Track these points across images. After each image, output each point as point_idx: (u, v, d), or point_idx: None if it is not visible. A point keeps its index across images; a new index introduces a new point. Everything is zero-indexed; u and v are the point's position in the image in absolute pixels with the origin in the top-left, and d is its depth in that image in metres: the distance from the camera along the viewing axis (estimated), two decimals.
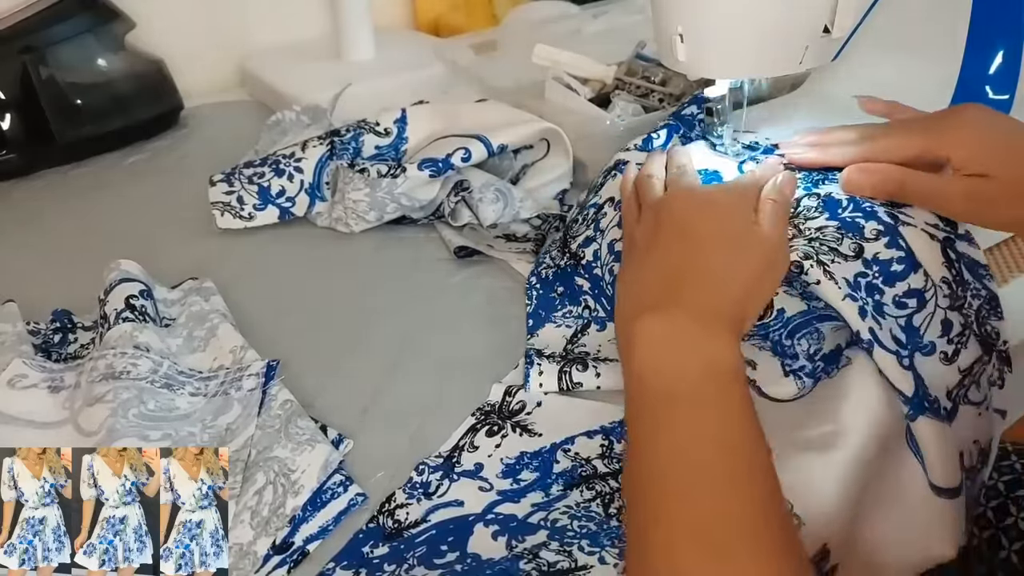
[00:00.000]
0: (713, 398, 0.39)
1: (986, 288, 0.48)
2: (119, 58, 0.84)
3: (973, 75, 0.57)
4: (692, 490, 0.36)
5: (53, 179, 0.80)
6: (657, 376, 0.40)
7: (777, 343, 0.48)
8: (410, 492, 0.44)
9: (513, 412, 0.48)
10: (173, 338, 0.54)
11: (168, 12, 0.95)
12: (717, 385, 0.39)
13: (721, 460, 0.37)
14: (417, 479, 0.44)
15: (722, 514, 0.35)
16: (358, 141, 0.68)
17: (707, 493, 0.35)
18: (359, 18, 0.96)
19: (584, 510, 0.42)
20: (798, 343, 0.48)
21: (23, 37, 0.77)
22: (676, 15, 0.52)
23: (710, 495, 0.35)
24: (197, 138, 0.88)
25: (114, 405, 0.46)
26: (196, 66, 0.97)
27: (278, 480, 0.43)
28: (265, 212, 0.68)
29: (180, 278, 0.61)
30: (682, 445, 0.37)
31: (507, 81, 0.83)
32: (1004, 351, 0.48)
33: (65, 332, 0.56)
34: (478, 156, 0.65)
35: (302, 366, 0.53)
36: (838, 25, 0.50)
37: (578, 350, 0.52)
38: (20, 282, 0.62)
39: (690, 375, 0.39)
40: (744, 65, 0.53)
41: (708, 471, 0.36)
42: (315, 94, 0.83)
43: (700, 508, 0.35)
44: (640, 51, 0.78)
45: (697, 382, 0.39)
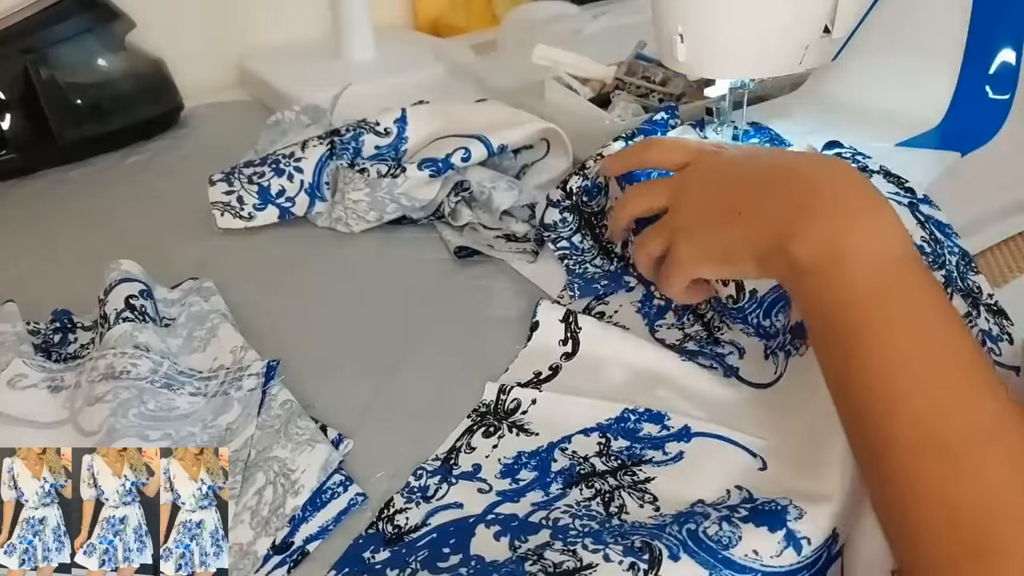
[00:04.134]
0: (917, 284, 0.38)
1: (957, 245, 0.50)
2: (119, 58, 0.84)
3: (973, 75, 0.57)
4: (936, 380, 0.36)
5: (53, 179, 0.80)
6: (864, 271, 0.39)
7: (757, 325, 0.48)
8: (408, 496, 0.43)
9: (509, 412, 0.48)
10: (173, 338, 0.54)
11: (168, 12, 0.95)
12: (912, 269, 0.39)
13: (949, 338, 0.37)
14: (415, 483, 0.44)
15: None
16: (358, 141, 0.68)
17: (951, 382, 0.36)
18: (359, 18, 0.96)
19: (585, 508, 0.42)
20: (776, 319, 0.48)
21: (23, 37, 0.77)
22: (676, 15, 0.52)
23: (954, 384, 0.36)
24: (197, 138, 0.88)
25: (114, 405, 0.46)
26: (196, 66, 0.97)
27: (278, 480, 0.43)
28: (265, 212, 0.68)
29: (180, 278, 0.61)
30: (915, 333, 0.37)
31: (507, 81, 0.83)
32: (994, 304, 0.48)
33: (65, 332, 0.56)
34: (478, 156, 0.65)
35: (302, 366, 0.53)
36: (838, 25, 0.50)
37: (598, 308, 0.56)
38: (20, 282, 0.62)
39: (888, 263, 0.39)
40: (744, 65, 0.53)
41: (945, 358, 0.36)
42: (315, 94, 0.83)
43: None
44: (640, 51, 0.78)
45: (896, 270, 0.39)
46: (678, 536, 0.38)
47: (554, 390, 0.50)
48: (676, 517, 0.40)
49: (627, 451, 0.45)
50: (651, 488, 0.43)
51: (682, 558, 0.37)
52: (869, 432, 0.37)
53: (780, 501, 0.39)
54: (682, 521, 0.39)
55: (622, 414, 0.47)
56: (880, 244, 0.39)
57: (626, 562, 0.36)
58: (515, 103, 0.72)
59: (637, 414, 0.47)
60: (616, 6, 1.03)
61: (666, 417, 0.47)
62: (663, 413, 0.47)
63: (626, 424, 0.47)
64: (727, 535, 0.38)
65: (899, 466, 0.35)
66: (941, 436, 0.34)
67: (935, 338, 0.37)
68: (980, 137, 0.56)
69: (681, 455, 0.45)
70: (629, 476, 0.44)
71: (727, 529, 0.38)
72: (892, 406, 0.36)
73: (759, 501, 0.40)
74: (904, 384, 0.36)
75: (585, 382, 0.50)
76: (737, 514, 0.39)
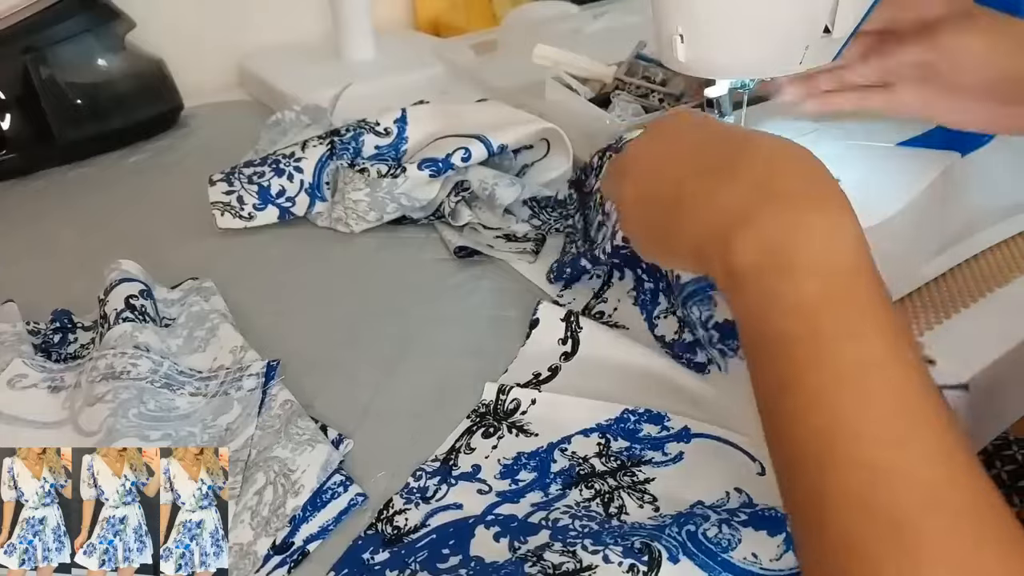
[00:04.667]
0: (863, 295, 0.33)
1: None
2: (119, 58, 0.84)
3: None
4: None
5: (53, 179, 0.80)
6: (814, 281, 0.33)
7: (682, 317, 0.49)
8: (407, 497, 0.43)
9: (508, 412, 0.48)
10: (173, 338, 0.54)
11: (168, 12, 0.95)
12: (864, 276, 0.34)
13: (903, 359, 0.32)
14: (414, 484, 0.44)
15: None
16: (358, 141, 0.68)
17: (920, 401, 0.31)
18: (359, 18, 0.96)
19: (584, 509, 0.42)
20: (691, 311, 0.48)
21: (23, 37, 0.77)
22: (676, 15, 0.52)
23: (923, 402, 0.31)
24: (197, 138, 0.88)
25: (114, 405, 0.46)
26: (196, 66, 0.97)
27: (278, 480, 0.43)
28: (265, 212, 0.68)
29: (180, 278, 0.61)
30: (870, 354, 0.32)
31: (507, 81, 0.83)
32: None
33: (65, 332, 0.56)
34: (478, 156, 0.65)
35: (302, 366, 0.53)
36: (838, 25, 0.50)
37: (598, 307, 0.56)
38: (20, 282, 0.62)
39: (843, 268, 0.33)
40: (744, 65, 0.53)
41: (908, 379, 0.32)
42: (315, 94, 0.83)
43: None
44: (640, 51, 0.78)
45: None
46: (677, 538, 0.38)
47: (554, 391, 0.50)
48: (676, 518, 0.40)
49: (627, 452, 0.45)
50: (651, 489, 0.43)
51: (681, 560, 0.37)
52: (798, 478, 0.32)
53: (780, 510, 0.39)
54: (682, 523, 0.39)
55: (622, 415, 0.47)
56: (835, 250, 0.34)
57: (625, 563, 0.36)
58: (515, 103, 0.72)
59: (637, 415, 0.47)
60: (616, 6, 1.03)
61: (666, 418, 0.47)
62: (663, 414, 0.47)
63: (626, 425, 0.47)
64: (727, 537, 0.38)
65: (834, 525, 0.30)
66: (885, 501, 0.30)
67: (883, 366, 0.32)
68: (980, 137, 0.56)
69: (681, 456, 0.45)
70: (629, 477, 0.44)
71: (727, 532, 0.38)
72: (829, 448, 0.31)
73: (759, 507, 0.40)
74: (843, 422, 0.31)
75: (585, 383, 0.50)
76: (737, 518, 0.39)
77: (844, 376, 0.32)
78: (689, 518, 0.39)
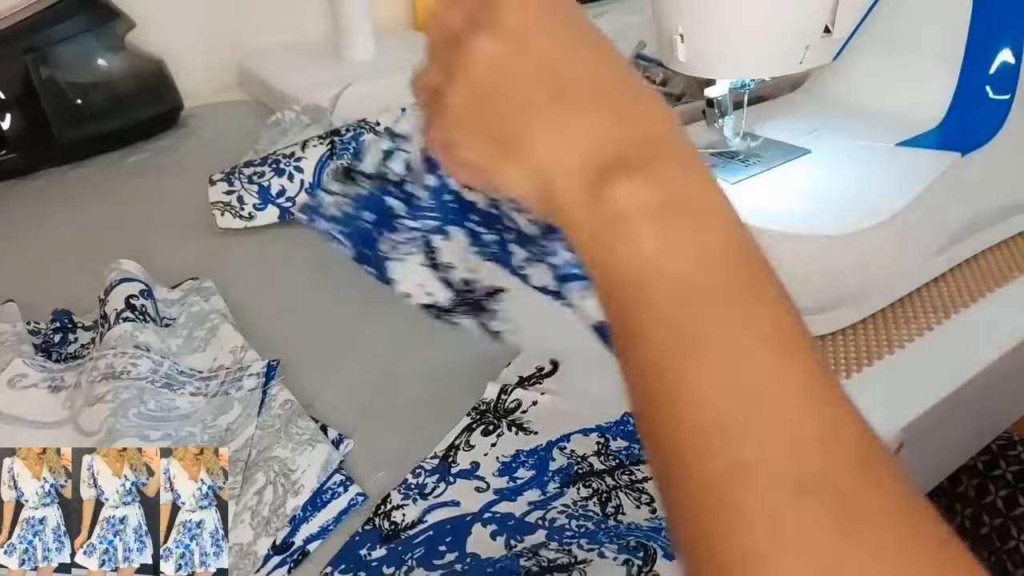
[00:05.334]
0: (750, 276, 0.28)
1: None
2: (119, 58, 0.84)
3: (973, 75, 0.57)
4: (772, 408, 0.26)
5: (53, 179, 0.80)
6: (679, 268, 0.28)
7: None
8: (405, 493, 0.44)
9: (508, 411, 0.48)
10: (173, 338, 0.54)
11: (168, 12, 0.95)
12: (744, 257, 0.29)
13: (789, 360, 0.27)
14: (412, 481, 0.44)
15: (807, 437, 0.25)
16: (358, 141, 0.68)
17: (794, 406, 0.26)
18: (359, 18, 0.96)
19: (581, 508, 0.42)
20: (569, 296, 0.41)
21: (23, 37, 0.77)
22: (676, 15, 0.52)
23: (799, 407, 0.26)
24: (197, 138, 0.88)
25: (114, 405, 0.46)
26: (196, 66, 0.97)
27: (278, 480, 0.43)
28: (265, 212, 0.68)
29: (180, 278, 0.61)
30: (743, 345, 0.27)
31: None
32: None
33: (65, 332, 0.56)
34: None
35: (302, 366, 0.53)
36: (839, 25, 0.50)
37: (462, 293, 0.44)
38: (20, 282, 0.62)
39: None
40: (744, 65, 0.53)
41: (784, 380, 0.26)
42: (315, 94, 0.83)
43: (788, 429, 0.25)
44: (640, 51, 0.78)
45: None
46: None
47: (556, 390, 0.50)
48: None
49: (625, 451, 0.45)
50: (648, 488, 0.43)
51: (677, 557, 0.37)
52: (667, 457, 0.27)
53: None
54: None
55: (623, 417, 0.47)
56: (728, 205, 0.29)
57: (620, 559, 0.36)
58: None
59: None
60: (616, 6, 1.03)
61: None
62: None
63: (626, 427, 0.47)
64: None
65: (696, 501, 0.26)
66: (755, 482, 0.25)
67: (778, 335, 0.27)
68: (980, 137, 0.56)
69: None
70: (627, 476, 0.44)
71: None
72: (702, 434, 0.26)
73: None
74: (724, 405, 0.26)
75: (586, 382, 0.50)
76: None
77: (734, 352, 0.27)
78: None
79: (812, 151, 0.57)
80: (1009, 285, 0.56)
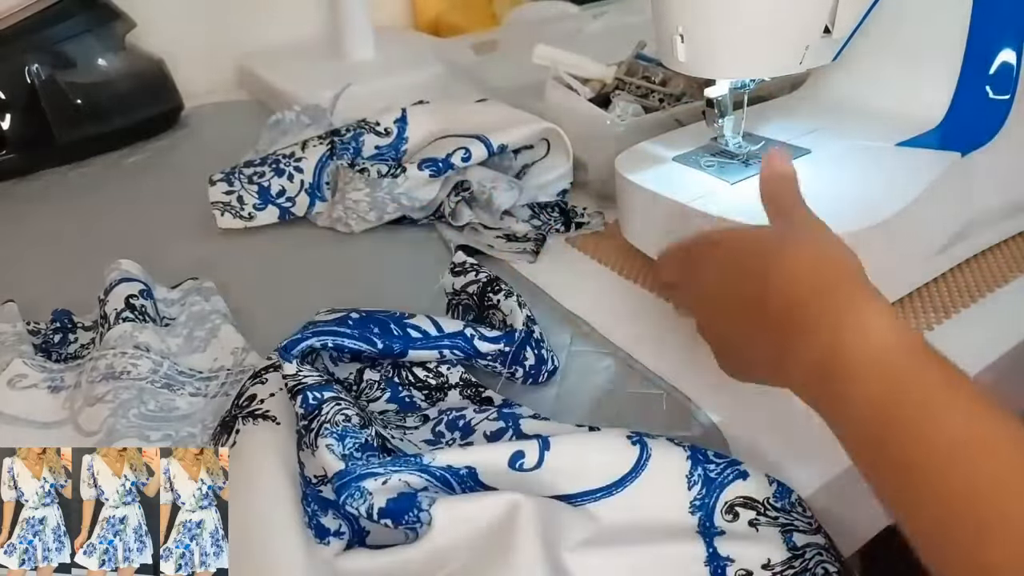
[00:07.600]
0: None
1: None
2: (119, 58, 0.84)
3: (973, 75, 0.57)
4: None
5: (53, 179, 0.80)
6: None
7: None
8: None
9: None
10: (173, 338, 0.54)
11: (168, 12, 0.95)
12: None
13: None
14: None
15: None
16: (358, 141, 0.68)
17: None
18: (359, 18, 0.96)
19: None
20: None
21: (23, 37, 0.77)
22: (676, 15, 0.52)
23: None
24: (197, 138, 0.88)
25: (114, 405, 0.46)
26: (196, 66, 0.97)
27: None
28: (265, 212, 0.68)
29: (180, 278, 0.61)
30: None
31: (507, 81, 0.83)
32: None
33: (65, 332, 0.56)
34: (478, 156, 0.65)
35: None
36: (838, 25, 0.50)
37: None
38: (20, 282, 0.62)
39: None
40: (744, 65, 0.53)
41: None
42: (315, 94, 0.83)
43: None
44: (640, 51, 0.78)
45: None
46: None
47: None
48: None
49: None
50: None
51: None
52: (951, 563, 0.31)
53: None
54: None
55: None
56: (875, 342, 0.35)
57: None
58: (515, 103, 0.72)
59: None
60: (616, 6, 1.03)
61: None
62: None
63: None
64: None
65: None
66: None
67: (980, 430, 0.32)
68: (980, 137, 0.56)
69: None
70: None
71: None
72: (977, 528, 0.30)
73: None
74: (969, 502, 0.31)
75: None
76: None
77: (948, 456, 0.32)
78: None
79: (812, 151, 0.57)
80: (1009, 285, 0.56)
